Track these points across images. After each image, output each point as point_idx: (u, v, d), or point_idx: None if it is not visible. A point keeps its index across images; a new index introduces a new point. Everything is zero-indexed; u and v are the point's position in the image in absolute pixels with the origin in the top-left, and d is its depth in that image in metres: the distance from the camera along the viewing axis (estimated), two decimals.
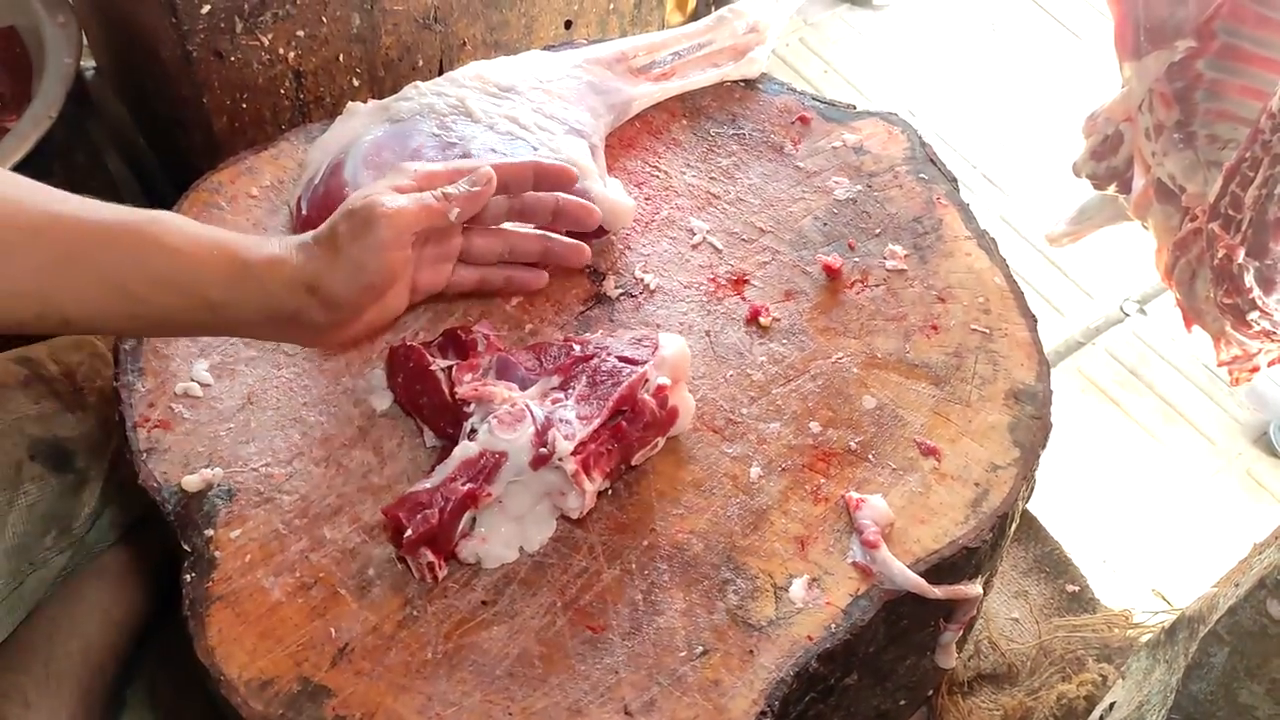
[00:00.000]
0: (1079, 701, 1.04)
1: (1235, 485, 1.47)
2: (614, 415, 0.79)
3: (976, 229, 0.99)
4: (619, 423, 0.80)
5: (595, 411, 0.79)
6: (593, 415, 0.78)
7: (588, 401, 0.80)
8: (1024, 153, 1.81)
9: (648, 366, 0.81)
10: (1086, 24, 2.01)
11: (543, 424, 0.77)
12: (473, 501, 0.76)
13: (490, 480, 0.76)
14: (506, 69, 1.03)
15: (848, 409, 0.88)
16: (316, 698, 0.73)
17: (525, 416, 0.77)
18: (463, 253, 0.86)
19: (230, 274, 0.74)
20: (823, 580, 0.80)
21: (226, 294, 0.74)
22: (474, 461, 0.76)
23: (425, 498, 0.76)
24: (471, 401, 0.80)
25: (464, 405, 0.80)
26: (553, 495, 0.79)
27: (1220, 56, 1.16)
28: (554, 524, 0.80)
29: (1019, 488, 0.84)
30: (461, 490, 0.75)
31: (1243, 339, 1.21)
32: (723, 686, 0.75)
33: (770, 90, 1.10)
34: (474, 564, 0.78)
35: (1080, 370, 1.57)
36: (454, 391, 0.81)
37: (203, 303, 0.74)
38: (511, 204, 0.87)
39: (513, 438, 0.76)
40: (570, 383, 0.81)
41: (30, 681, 0.91)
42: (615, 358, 0.82)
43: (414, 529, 0.74)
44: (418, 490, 0.77)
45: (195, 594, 0.77)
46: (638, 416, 0.80)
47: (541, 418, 0.78)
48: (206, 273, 0.73)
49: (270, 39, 1.12)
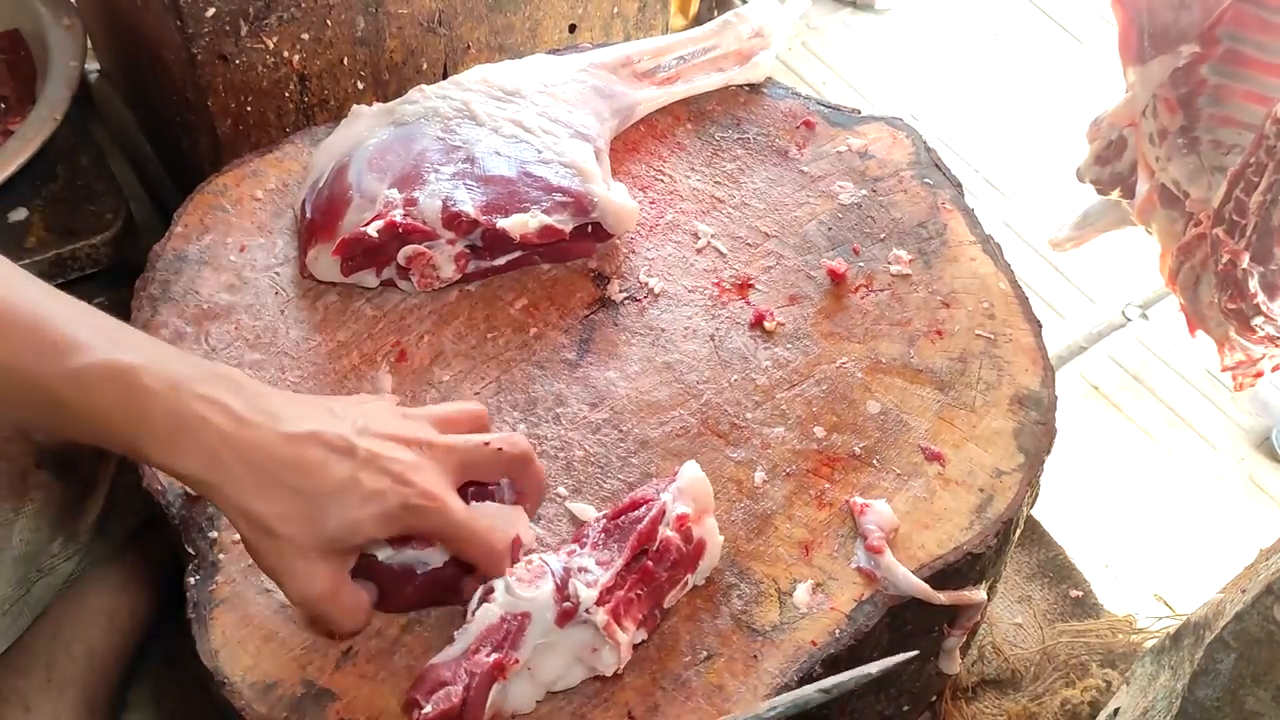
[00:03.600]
0: (1083, 707, 1.03)
1: (1238, 490, 1.46)
2: (637, 556, 0.74)
3: (981, 234, 0.99)
4: (645, 564, 0.74)
5: (615, 555, 0.73)
6: (613, 559, 0.73)
7: (605, 546, 0.75)
8: (1026, 157, 1.81)
9: (665, 497, 0.76)
10: (1089, 29, 2.00)
11: (561, 576, 0.72)
12: (500, 672, 0.69)
13: (516, 646, 0.70)
14: (511, 72, 1.03)
15: (852, 414, 0.88)
16: (320, 701, 0.73)
17: (545, 571, 0.72)
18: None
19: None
20: (827, 585, 0.79)
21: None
22: (497, 628, 0.70)
23: (448, 674, 0.69)
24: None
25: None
26: (584, 655, 0.73)
27: (1224, 62, 1.16)
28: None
29: (1024, 493, 0.84)
30: (487, 662, 0.69)
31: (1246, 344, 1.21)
32: (727, 691, 0.75)
33: (775, 94, 1.10)
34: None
35: (1082, 375, 1.57)
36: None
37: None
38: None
39: (534, 595, 0.71)
40: (584, 532, 0.77)
41: (31, 686, 0.91)
42: (629, 501, 0.77)
43: (433, 708, 0.68)
44: (438, 664, 0.70)
45: (199, 597, 0.77)
46: (663, 555, 0.74)
47: (560, 569, 0.72)
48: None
49: (275, 42, 1.12)
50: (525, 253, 0.94)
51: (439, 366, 0.90)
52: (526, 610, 0.71)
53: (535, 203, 0.93)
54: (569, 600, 0.70)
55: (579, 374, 0.90)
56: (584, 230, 0.94)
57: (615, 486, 0.83)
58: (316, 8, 1.12)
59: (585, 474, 0.84)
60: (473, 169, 0.94)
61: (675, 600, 0.77)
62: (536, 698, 0.73)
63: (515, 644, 0.70)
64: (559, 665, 0.72)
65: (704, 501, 0.78)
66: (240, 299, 0.92)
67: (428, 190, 0.92)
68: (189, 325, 0.89)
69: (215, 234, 0.95)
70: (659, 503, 0.76)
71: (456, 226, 0.91)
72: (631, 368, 0.90)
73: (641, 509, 0.76)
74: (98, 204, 1.17)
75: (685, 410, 0.88)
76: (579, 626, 0.71)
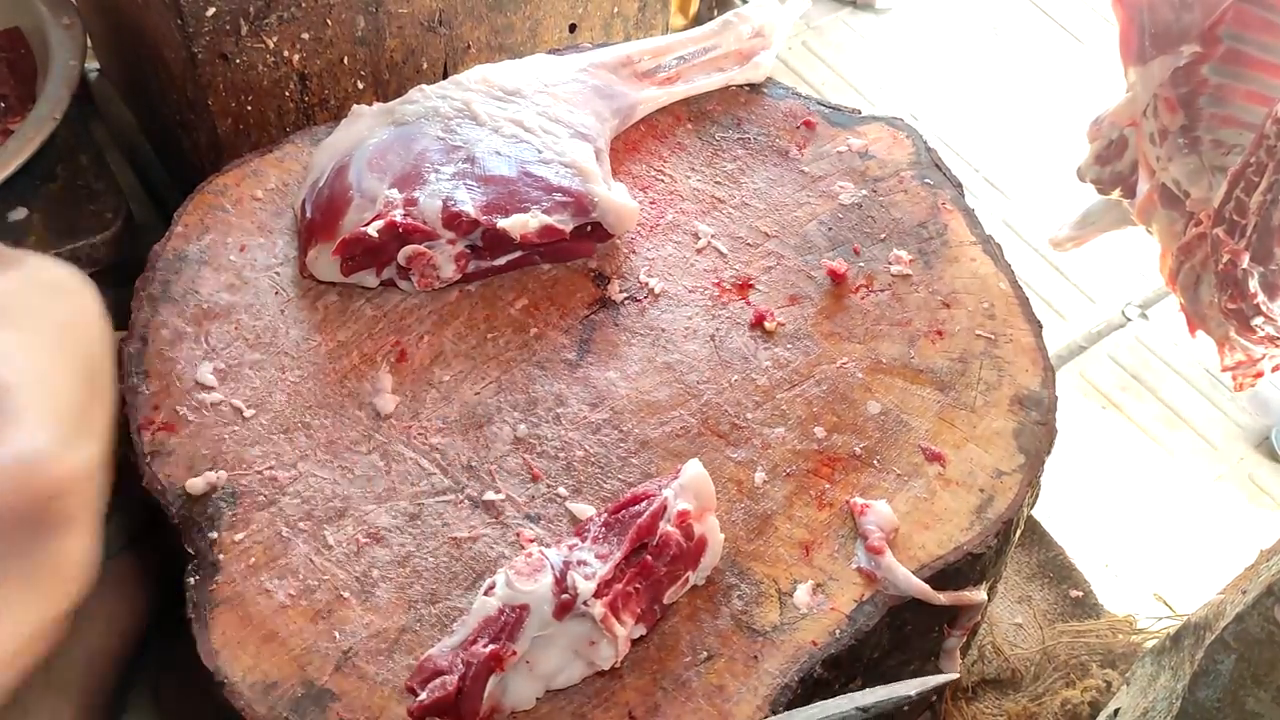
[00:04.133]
0: (1083, 707, 1.04)
1: (1237, 490, 1.46)
2: (636, 550, 0.75)
3: (982, 234, 0.99)
4: (644, 559, 0.75)
5: (614, 548, 0.74)
6: (612, 551, 0.74)
7: (605, 540, 0.75)
8: (1027, 157, 1.81)
9: (666, 493, 0.76)
10: (1089, 28, 2.01)
11: (560, 569, 0.72)
12: (497, 663, 0.70)
13: (514, 638, 0.71)
14: (511, 72, 1.03)
15: (852, 414, 0.88)
16: (320, 701, 0.73)
17: (544, 564, 0.73)
18: None
19: None
20: (827, 586, 0.79)
21: None
22: (494, 619, 0.71)
23: (444, 663, 0.70)
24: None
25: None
26: (582, 649, 0.73)
27: (1225, 62, 1.16)
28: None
29: (1024, 494, 0.84)
30: (484, 652, 0.70)
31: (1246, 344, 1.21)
32: (727, 692, 0.75)
33: (775, 95, 1.10)
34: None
35: (1082, 375, 1.57)
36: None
37: None
38: None
39: (533, 588, 0.71)
40: (585, 527, 0.77)
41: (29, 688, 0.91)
42: (630, 495, 0.78)
43: (427, 695, 0.69)
44: (435, 655, 0.72)
45: (199, 597, 0.77)
46: (663, 550, 0.75)
47: (559, 563, 0.73)
48: None
49: (275, 41, 1.12)
50: (525, 253, 0.94)
51: (439, 366, 0.90)
52: (525, 602, 0.71)
53: (535, 203, 0.93)
54: (567, 593, 0.71)
55: (579, 374, 0.90)
56: (584, 230, 0.94)
57: (615, 487, 0.83)
58: (317, 7, 1.12)
59: (585, 474, 0.84)
60: (473, 169, 0.94)
61: (676, 597, 0.77)
62: (537, 694, 0.73)
63: (513, 636, 0.70)
64: (557, 659, 0.73)
65: (706, 499, 0.78)
66: (240, 299, 0.92)
67: (428, 190, 0.92)
68: (189, 325, 0.89)
69: (215, 234, 0.95)
70: (660, 498, 0.76)
71: (457, 226, 0.91)
72: (632, 368, 0.90)
73: (642, 504, 0.76)
74: (97, 203, 1.17)
75: (685, 410, 0.88)
76: (577, 619, 0.72)
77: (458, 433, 0.86)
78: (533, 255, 0.95)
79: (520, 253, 0.94)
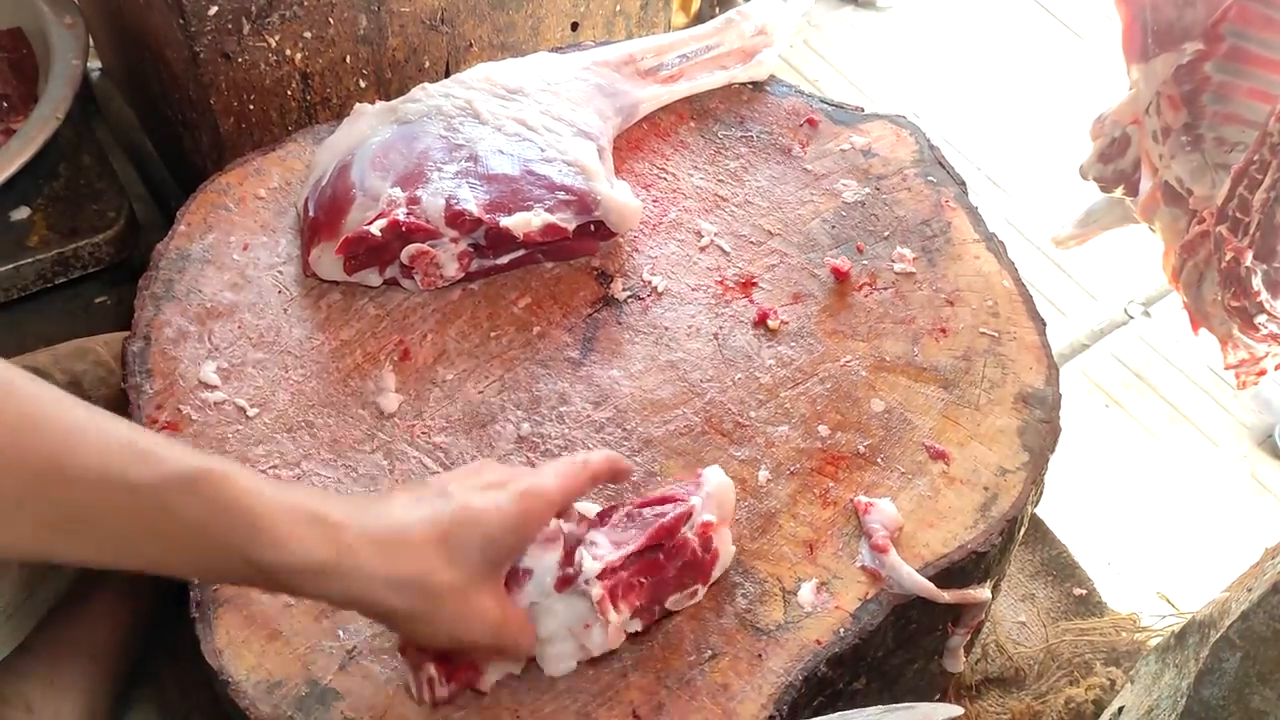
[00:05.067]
0: (1087, 705, 1.03)
1: (1240, 488, 1.46)
2: (651, 547, 0.74)
3: (985, 232, 0.99)
4: (656, 557, 0.75)
5: (631, 538, 0.74)
6: (627, 541, 0.74)
7: (624, 529, 0.75)
8: (1029, 155, 1.81)
9: (695, 501, 0.76)
10: (1091, 26, 2.00)
11: (571, 544, 0.73)
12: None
13: (511, 594, 0.71)
14: (514, 71, 1.02)
15: (856, 412, 0.88)
16: (325, 700, 0.73)
17: (559, 537, 0.73)
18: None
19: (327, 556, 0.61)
20: (831, 584, 0.79)
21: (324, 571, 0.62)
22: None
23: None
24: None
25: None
26: (577, 629, 0.73)
27: (1228, 59, 1.16)
28: (574, 665, 0.75)
29: (1028, 492, 0.84)
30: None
31: (1250, 342, 1.21)
32: (731, 690, 0.75)
33: (778, 93, 1.10)
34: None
35: (1084, 372, 1.56)
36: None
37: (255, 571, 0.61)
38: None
39: (542, 556, 0.72)
40: (610, 514, 0.77)
41: (33, 687, 0.91)
42: (659, 495, 0.78)
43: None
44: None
45: (203, 596, 0.76)
46: (677, 553, 0.75)
47: (572, 539, 0.73)
48: (292, 545, 0.60)
49: (277, 40, 1.12)
50: (528, 251, 0.94)
51: (442, 365, 0.90)
52: (530, 567, 0.72)
53: (538, 201, 0.93)
54: (572, 567, 0.72)
55: (582, 372, 0.90)
56: (587, 228, 0.94)
57: (619, 485, 0.83)
58: (319, 6, 1.12)
59: None
60: (476, 167, 0.94)
61: (680, 606, 0.77)
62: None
63: (510, 591, 0.71)
64: (550, 630, 0.73)
65: (726, 511, 0.78)
66: (243, 298, 0.92)
67: (431, 189, 0.92)
68: (192, 324, 0.89)
69: (218, 232, 0.95)
70: (687, 504, 0.76)
71: (460, 225, 0.91)
72: (635, 366, 0.90)
73: (668, 506, 0.76)
74: (100, 202, 1.17)
75: (689, 409, 0.88)
76: (576, 596, 0.72)
77: (461, 431, 0.86)
78: (536, 254, 0.95)
79: (523, 251, 0.94)
